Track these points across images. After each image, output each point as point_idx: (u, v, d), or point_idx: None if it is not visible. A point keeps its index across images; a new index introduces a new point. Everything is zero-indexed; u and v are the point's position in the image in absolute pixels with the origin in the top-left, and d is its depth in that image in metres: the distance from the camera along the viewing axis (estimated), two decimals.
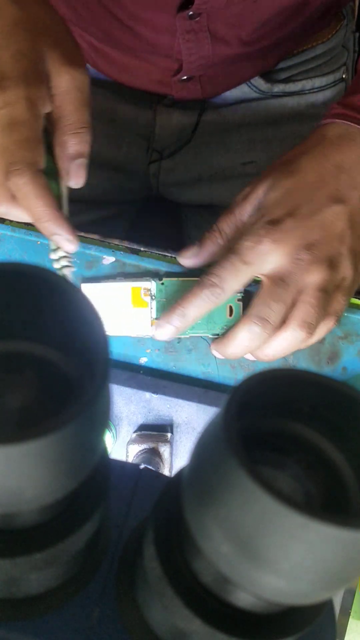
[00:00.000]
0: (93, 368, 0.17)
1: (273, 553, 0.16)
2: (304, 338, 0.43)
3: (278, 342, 0.43)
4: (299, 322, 0.42)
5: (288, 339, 0.43)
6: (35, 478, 0.16)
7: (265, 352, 0.44)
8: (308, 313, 0.42)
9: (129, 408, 0.49)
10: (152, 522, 0.22)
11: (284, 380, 0.19)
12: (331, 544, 0.16)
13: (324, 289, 0.43)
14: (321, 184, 0.44)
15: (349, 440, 0.19)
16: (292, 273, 0.42)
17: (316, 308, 0.42)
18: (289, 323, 0.43)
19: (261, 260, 0.42)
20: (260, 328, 0.42)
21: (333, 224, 0.44)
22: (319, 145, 0.46)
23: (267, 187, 0.45)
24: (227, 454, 0.16)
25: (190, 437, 0.50)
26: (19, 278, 0.18)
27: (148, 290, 0.47)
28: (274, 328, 0.42)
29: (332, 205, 0.44)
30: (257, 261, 0.42)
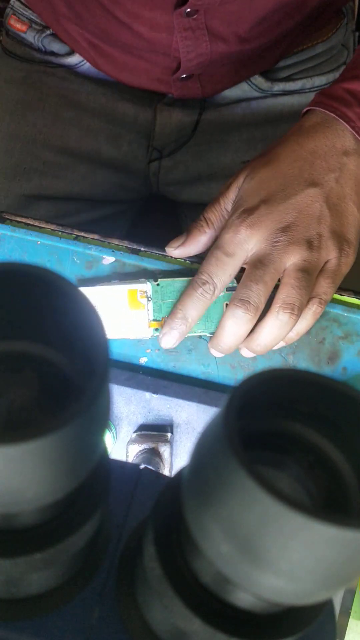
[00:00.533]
0: (93, 368, 0.17)
1: (273, 553, 0.16)
2: (289, 320, 0.43)
3: (266, 328, 0.43)
4: (281, 304, 0.43)
5: (274, 323, 0.43)
6: (35, 478, 0.16)
7: (257, 341, 0.44)
8: (289, 293, 0.43)
9: (129, 408, 0.49)
10: (152, 522, 0.22)
11: (284, 380, 0.19)
12: (331, 544, 0.16)
13: (304, 269, 0.43)
14: (296, 171, 0.45)
15: (349, 440, 0.19)
16: (270, 254, 0.43)
17: (297, 289, 0.43)
18: (272, 307, 0.43)
19: (242, 249, 0.44)
20: (242, 310, 0.43)
21: (309, 206, 0.44)
22: (294, 134, 0.47)
23: (244, 178, 0.46)
24: (227, 454, 0.16)
25: (190, 437, 0.50)
26: (19, 278, 0.18)
27: (144, 292, 0.47)
28: (256, 309, 0.43)
29: (307, 188, 0.44)
30: (238, 251, 0.44)
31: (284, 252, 0.43)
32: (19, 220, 0.50)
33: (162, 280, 0.48)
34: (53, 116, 0.70)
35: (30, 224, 0.50)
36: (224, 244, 0.44)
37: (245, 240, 0.43)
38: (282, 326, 0.43)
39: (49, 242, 0.49)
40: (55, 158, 0.69)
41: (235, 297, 0.43)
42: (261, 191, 0.45)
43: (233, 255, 0.43)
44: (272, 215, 0.43)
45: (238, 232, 0.43)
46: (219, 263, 0.44)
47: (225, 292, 0.48)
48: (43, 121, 0.70)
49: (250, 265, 0.44)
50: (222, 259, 0.44)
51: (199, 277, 0.45)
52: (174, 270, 0.49)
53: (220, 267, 0.44)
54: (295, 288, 0.43)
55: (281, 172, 0.45)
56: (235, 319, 0.43)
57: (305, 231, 0.43)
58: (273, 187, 0.44)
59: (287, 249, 0.43)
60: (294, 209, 0.44)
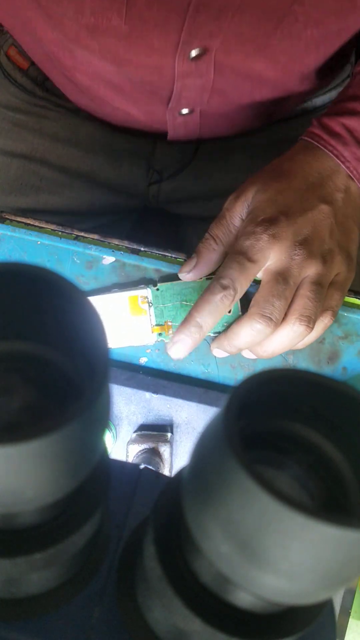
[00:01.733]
0: (93, 368, 0.17)
1: (273, 553, 0.16)
2: (303, 332, 0.44)
3: (278, 338, 0.44)
4: (298, 316, 0.43)
5: (288, 334, 0.44)
6: (35, 478, 0.16)
7: (265, 348, 0.44)
8: (306, 306, 0.43)
9: (129, 408, 0.49)
10: (152, 522, 0.22)
11: (284, 380, 0.19)
12: (331, 544, 0.16)
13: (319, 283, 0.44)
14: (308, 187, 0.46)
15: (349, 440, 0.19)
16: (290, 269, 0.43)
17: (313, 301, 0.43)
18: (289, 318, 0.43)
19: (264, 257, 0.43)
20: (263, 326, 0.43)
21: (322, 222, 0.45)
22: (301, 154, 0.48)
23: (255, 190, 0.47)
24: (227, 454, 0.16)
25: (190, 437, 0.50)
26: (19, 278, 0.18)
27: (145, 298, 0.47)
28: (276, 324, 0.43)
29: (320, 204, 0.46)
30: (261, 258, 0.43)
31: (302, 265, 0.44)
32: (19, 220, 0.50)
33: (162, 285, 0.48)
34: (51, 137, 0.69)
35: (30, 224, 0.50)
36: (247, 250, 0.43)
37: (267, 249, 0.43)
38: (296, 337, 0.44)
39: (49, 242, 0.49)
40: (53, 175, 0.69)
41: (256, 312, 0.43)
42: (278, 203, 0.45)
43: (256, 262, 0.43)
44: (292, 228, 0.44)
45: (260, 239, 0.43)
46: (242, 269, 0.43)
47: None
48: (40, 140, 0.69)
49: (272, 278, 0.44)
50: (245, 265, 0.43)
51: (220, 281, 0.43)
52: (172, 274, 0.49)
53: (243, 273, 0.43)
54: (312, 300, 0.43)
55: (295, 187, 0.46)
56: (254, 332, 0.43)
57: (320, 245, 0.45)
58: (290, 200, 0.45)
59: (304, 262, 0.44)
60: (310, 223, 0.45)
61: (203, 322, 0.44)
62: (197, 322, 0.44)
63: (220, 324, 0.47)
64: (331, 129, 0.47)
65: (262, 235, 0.43)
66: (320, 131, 0.48)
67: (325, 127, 0.48)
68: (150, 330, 0.47)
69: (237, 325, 0.44)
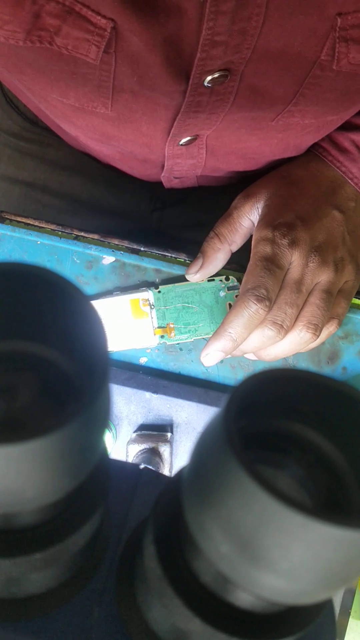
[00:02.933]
0: (93, 368, 0.17)
1: (273, 553, 0.16)
2: (309, 339, 0.44)
3: (284, 343, 0.44)
4: (306, 323, 0.43)
5: (294, 340, 0.44)
6: (35, 478, 0.16)
7: (269, 352, 0.45)
8: (315, 314, 0.43)
9: (129, 408, 0.49)
10: (152, 522, 0.22)
11: (284, 380, 0.19)
12: (331, 543, 0.16)
13: (329, 291, 0.44)
14: (321, 194, 0.46)
15: (349, 440, 0.19)
16: (304, 277, 0.43)
17: (322, 309, 0.44)
18: (296, 324, 0.43)
19: (287, 262, 0.43)
20: (274, 332, 0.43)
21: (335, 229, 0.45)
22: (313, 162, 0.48)
23: (268, 194, 0.46)
24: (227, 454, 0.16)
25: (190, 437, 0.50)
26: (19, 278, 0.18)
27: (147, 300, 0.47)
28: (287, 332, 0.43)
29: (333, 211, 0.46)
30: (285, 263, 0.43)
31: (315, 273, 0.44)
32: (19, 220, 0.50)
33: (163, 287, 0.48)
34: (53, 164, 0.68)
35: (30, 224, 0.50)
36: (275, 257, 0.43)
37: (290, 254, 0.43)
38: (301, 343, 0.44)
39: (49, 242, 0.49)
40: (54, 202, 0.68)
41: (269, 319, 0.43)
42: (293, 208, 0.45)
43: (283, 268, 0.43)
44: (309, 234, 0.44)
45: (281, 245, 0.43)
46: (274, 276, 0.42)
47: (227, 291, 0.48)
48: (42, 167, 0.68)
49: (286, 285, 0.43)
50: (276, 272, 0.42)
51: (255, 292, 0.42)
52: (172, 276, 0.49)
53: (276, 280, 0.42)
54: (321, 309, 0.43)
55: (309, 194, 0.46)
56: (264, 337, 0.43)
57: (333, 253, 0.45)
58: (305, 206, 0.45)
59: (318, 270, 0.44)
60: (324, 229, 0.45)
61: (238, 337, 0.42)
62: (230, 335, 0.42)
63: None
64: (340, 144, 0.47)
65: (282, 241, 0.43)
66: (328, 146, 0.48)
67: (334, 142, 0.48)
68: (152, 333, 0.47)
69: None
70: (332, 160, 0.47)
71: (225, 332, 0.42)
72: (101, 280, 0.49)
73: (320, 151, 0.48)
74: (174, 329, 0.47)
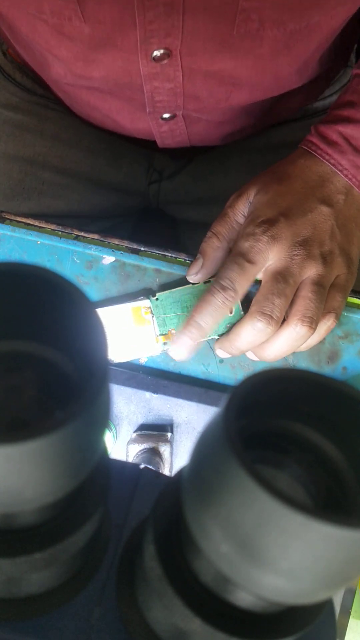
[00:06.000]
0: (93, 368, 0.17)
1: (273, 552, 0.16)
2: (306, 334, 0.44)
3: (281, 340, 0.44)
4: (300, 317, 0.43)
5: (291, 335, 0.43)
6: (35, 478, 0.16)
7: (268, 351, 0.44)
8: (307, 307, 0.43)
9: (129, 408, 0.49)
10: (152, 522, 0.22)
11: (284, 380, 0.19)
12: (331, 543, 0.16)
13: (320, 284, 0.44)
14: (308, 189, 0.46)
15: (349, 440, 0.19)
16: (289, 267, 0.43)
17: (315, 302, 0.44)
18: (290, 319, 0.43)
19: (263, 258, 0.43)
20: (264, 324, 0.43)
21: (323, 223, 0.45)
22: (302, 158, 0.48)
23: (256, 191, 0.47)
24: (227, 453, 0.16)
25: (190, 437, 0.50)
26: (19, 278, 0.18)
27: (148, 308, 0.47)
28: (277, 323, 0.43)
29: (320, 206, 0.46)
30: (260, 259, 0.43)
31: (302, 265, 0.44)
32: (19, 220, 0.50)
33: (160, 294, 0.48)
34: (52, 138, 0.69)
35: (30, 224, 0.50)
36: (247, 252, 0.43)
37: (267, 250, 0.43)
38: (298, 338, 0.44)
39: (49, 242, 0.49)
40: (55, 178, 0.69)
41: (256, 310, 0.43)
42: (278, 205, 0.45)
43: (255, 263, 0.43)
44: (292, 229, 0.44)
45: (260, 240, 0.43)
46: (242, 270, 0.43)
47: None
48: (42, 142, 0.69)
49: (271, 277, 0.44)
50: (245, 266, 0.43)
51: (220, 282, 0.43)
52: (171, 280, 0.49)
53: (243, 274, 0.43)
54: (313, 301, 0.43)
55: (295, 189, 0.46)
56: (255, 330, 0.43)
57: (320, 246, 0.45)
58: (290, 202, 0.45)
59: (304, 262, 0.44)
60: (310, 224, 0.45)
61: (203, 323, 0.43)
62: (198, 323, 0.43)
63: (222, 325, 0.47)
64: (328, 137, 0.48)
65: (261, 237, 0.43)
66: (317, 140, 0.48)
67: (322, 135, 0.48)
68: (154, 340, 0.47)
69: (238, 325, 0.44)
70: (322, 153, 0.47)
71: (192, 319, 0.44)
72: (101, 280, 0.49)
73: (309, 146, 0.48)
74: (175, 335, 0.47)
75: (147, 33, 0.46)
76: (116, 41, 0.47)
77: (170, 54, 0.48)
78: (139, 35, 0.46)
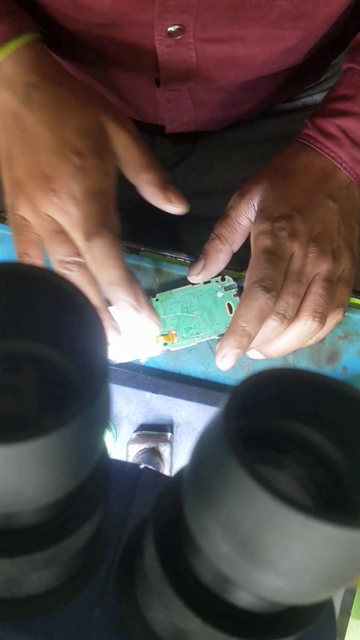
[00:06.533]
0: (93, 368, 0.17)
1: (273, 552, 0.16)
2: (316, 329, 0.44)
3: (290, 335, 0.44)
4: (311, 312, 0.43)
5: (301, 331, 0.44)
6: (35, 478, 0.16)
7: (276, 346, 0.45)
8: (318, 303, 0.44)
9: (129, 408, 0.49)
10: (152, 522, 0.22)
11: (284, 380, 0.19)
12: (331, 543, 0.16)
13: (329, 279, 0.44)
14: (314, 184, 0.46)
15: (349, 440, 0.19)
16: (304, 267, 0.44)
17: (325, 298, 0.44)
18: (301, 315, 0.44)
19: (288, 254, 0.44)
20: (277, 323, 0.43)
21: (331, 219, 0.46)
22: (303, 153, 0.48)
23: (262, 189, 0.47)
24: (227, 453, 0.16)
25: (190, 436, 0.50)
26: (19, 278, 0.18)
27: None
28: (290, 321, 0.43)
29: (327, 201, 0.46)
30: (287, 255, 0.43)
31: (315, 263, 0.44)
32: None
33: (160, 295, 0.48)
34: None
35: None
36: (275, 249, 0.43)
37: (290, 246, 0.43)
38: (308, 334, 0.44)
39: None
40: None
41: (272, 309, 0.43)
42: (288, 200, 0.45)
43: (285, 259, 0.43)
44: (306, 225, 0.44)
45: (281, 237, 0.43)
46: (277, 268, 0.42)
47: (224, 291, 0.48)
48: None
49: (288, 277, 0.44)
50: (278, 264, 0.42)
51: (262, 283, 0.41)
52: (172, 279, 0.49)
53: (279, 271, 0.42)
54: (324, 297, 0.44)
55: (302, 185, 0.46)
56: (267, 329, 0.43)
57: (330, 242, 0.45)
58: (300, 198, 0.45)
59: (317, 260, 0.44)
60: (320, 220, 0.45)
61: (252, 330, 0.42)
62: (246, 331, 0.42)
63: (223, 326, 0.47)
64: (326, 130, 0.48)
65: (282, 233, 0.43)
66: (315, 133, 0.48)
67: (320, 128, 0.48)
68: (155, 341, 0.47)
69: None
70: (321, 146, 0.47)
71: (238, 327, 0.42)
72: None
73: (307, 139, 0.48)
74: (176, 335, 0.47)
75: (164, 9, 0.46)
76: (133, 17, 0.47)
77: (184, 29, 0.48)
78: (157, 11, 0.46)
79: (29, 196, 0.43)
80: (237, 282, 0.48)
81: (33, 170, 0.43)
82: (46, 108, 0.43)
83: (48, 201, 0.42)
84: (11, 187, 0.44)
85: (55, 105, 0.43)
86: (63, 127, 0.43)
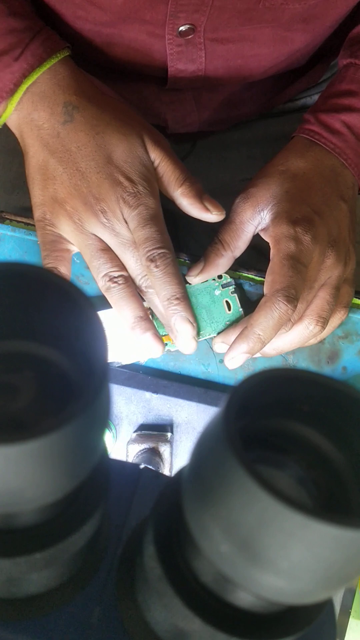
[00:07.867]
0: (93, 368, 0.17)
1: (273, 552, 0.16)
2: (317, 333, 0.44)
3: (291, 336, 0.44)
4: (315, 317, 0.44)
5: (302, 333, 0.44)
6: (35, 478, 0.16)
7: (275, 345, 0.45)
8: (324, 308, 0.44)
9: (129, 408, 0.49)
10: (152, 522, 0.22)
11: (284, 380, 0.19)
12: (331, 543, 0.16)
13: (338, 286, 0.45)
14: (326, 185, 0.46)
15: (349, 440, 0.19)
16: (320, 272, 0.44)
17: (331, 304, 0.44)
18: (305, 318, 0.44)
19: (312, 259, 0.43)
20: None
21: (343, 221, 0.46)
22: (310, 150, 0.48)
23: (273, 195, 0.45)
24: (227, 453, 0.16)
25: (190, 436, 0.50)
26: (19, 278, 0.18)
27: (149, 309, 0.47)
28: (292, 324, 0.44)
29: (340, 202, 0.46)
30: (310, 261, 0.43)
31: (329, 269, 0.44)
32: (19, 220, 0.50)
33: None
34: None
35: (30, 224, 0.50)
36: (299, 254, 0.42)
37: (313, 251, 0.43)
38: (309, 336, 0.44)
39: None
40: None
41: None
42: (305, 201, 0.45)
43: (307, 265, 0.43)
44: (326, 228, 0.44)
45: (304, 241, 0.43)
46: (301, 275, 0.42)
47: (221, 289, 0.48)
48: None
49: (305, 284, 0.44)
50: (302, 271, 0.42)
51: (285, 292, 0.41)
52: None
53: (302, 279, 0.42)
54: (330, 304, 0.44)
55: (316, 185, 0.46)
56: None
57: (344, 246, 0.45)
58: (317, 199, 0.45)
59: (332, 267, 0.44)
60: (336, 222, 0.45)
61: (266, 339, 0.42)
62: (261, 339, 0.42)
63: (222, 323, 0.47)
64: (331, 126, 0.47)
65: (305, 237, 0.43)
66: (319, 128, 0.48)
67: (325, 124, 0.47)
68: None
69: (254, 324, 0.44)
70: (326, 142, 0.47)
71: (253, 333, 0.42)
72: None
73: (311, 135, 0.48)
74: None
75: (177, 7, 0.46)
76: (144, 15, 0.47)
77: (195, 29, 0.48)
78: (170, 9, 0.46)
79: (72, 215, 0.44)
80: (234, 280, 0.48)
81: (80, 191, 0.44)
82: (88, 130, 0.44)
83: (96, 221, 0.43)
84: (47, 204, 0.45)
85: (97, 126, 0.44)
86: (111, 151, 0.44)
